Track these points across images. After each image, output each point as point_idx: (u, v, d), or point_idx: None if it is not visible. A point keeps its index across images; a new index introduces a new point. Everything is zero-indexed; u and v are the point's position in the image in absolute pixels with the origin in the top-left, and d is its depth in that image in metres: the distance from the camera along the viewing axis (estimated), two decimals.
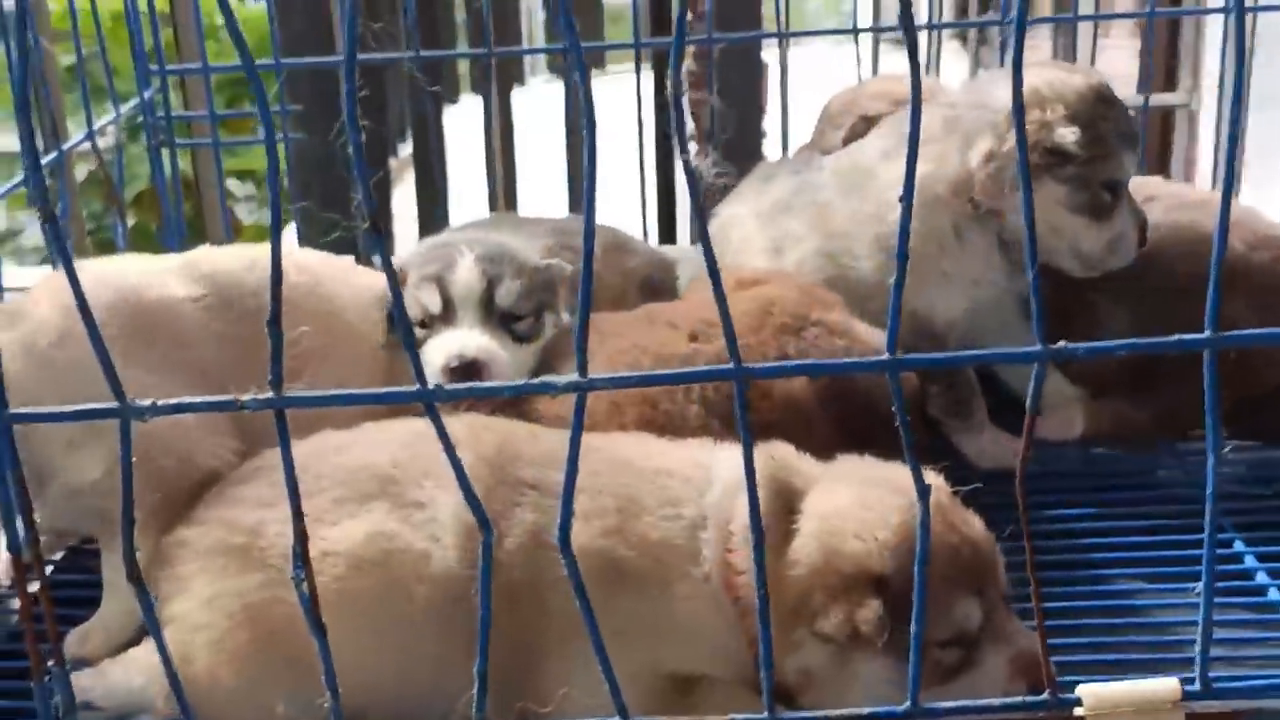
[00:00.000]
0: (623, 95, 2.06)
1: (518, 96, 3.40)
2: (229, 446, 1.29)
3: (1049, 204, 1.50)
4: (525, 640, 1.09)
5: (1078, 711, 0.91)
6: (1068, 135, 1.48)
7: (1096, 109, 1.51)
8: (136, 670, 1.17)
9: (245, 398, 0.84)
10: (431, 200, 3.14)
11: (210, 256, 1.39)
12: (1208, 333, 0.82)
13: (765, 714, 0.90)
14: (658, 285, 1.74)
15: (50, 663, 0.89)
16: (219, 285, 1.34)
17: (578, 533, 1.13)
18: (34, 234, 3.89)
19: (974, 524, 1.11)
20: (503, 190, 3.18)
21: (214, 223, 2.23)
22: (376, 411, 1.25)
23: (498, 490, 1.13)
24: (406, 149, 3.39)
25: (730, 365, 0.84)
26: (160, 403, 0.84)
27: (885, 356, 0.82)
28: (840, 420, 1.35)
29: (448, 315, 1.44)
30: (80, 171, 3.91)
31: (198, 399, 0.86)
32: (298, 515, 0.87)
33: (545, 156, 3.16)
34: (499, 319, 1.44)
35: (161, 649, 0.88)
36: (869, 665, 1.05)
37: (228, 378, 1.24)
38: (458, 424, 1.21)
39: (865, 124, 1.66)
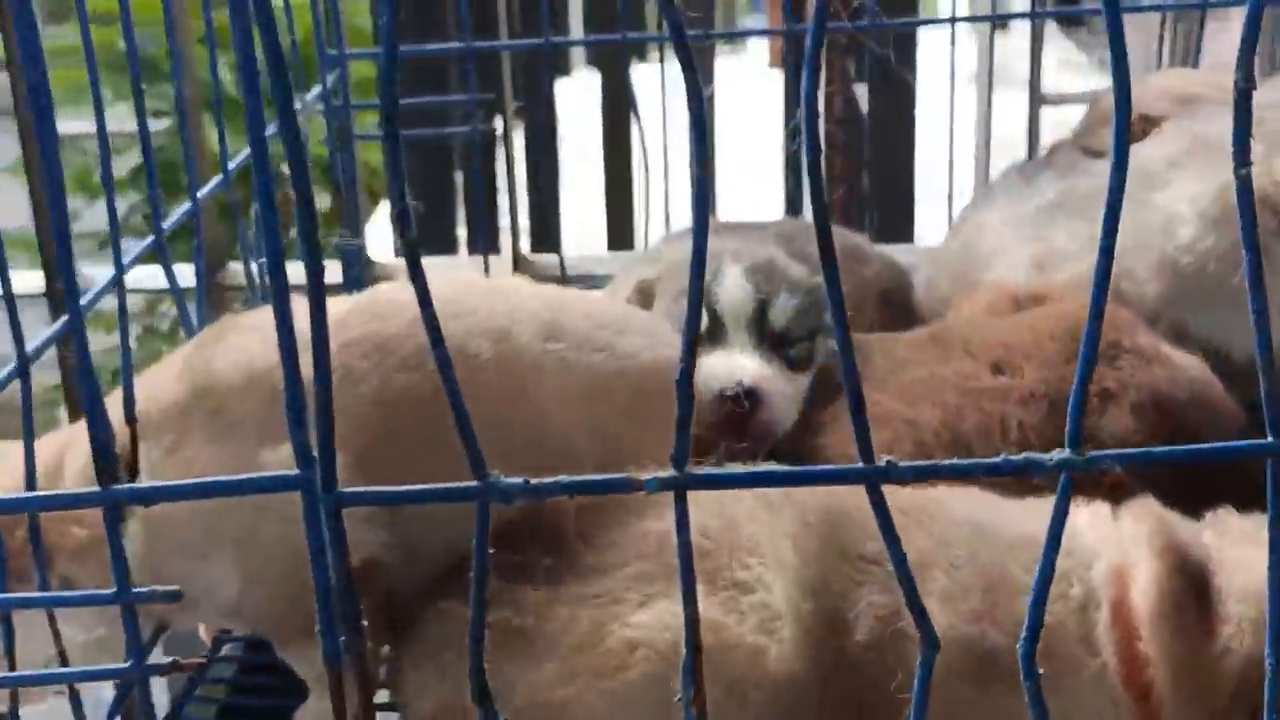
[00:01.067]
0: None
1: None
2: (376, 540, 1.04)
3: None
4: None
5: None
6: None
7: None
8: None
9: (645, 477, 0.66)
10: (544, 176, 2.97)
11: (381, 299, 1.10)
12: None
13: None
14: (895, 296, 1.55)
15: None
16: (357, 339, 1.04)
17: (935, 617, 0.97)
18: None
19: None
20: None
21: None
22: None
23: (834, 567, 0.95)
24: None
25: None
26: (533, 482, 0.66)
27: None
28: (1179, 469, 1.17)
29: (715, 335, 1.25)
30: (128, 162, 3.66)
31: (579, 477, 0.67)
32: (690, 609, 0.68)
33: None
34: (771, 342, 1.26)
35: None
36: None
37: (381, 451, 0.98)
38: None
39: (1145, 124, 1.46)
